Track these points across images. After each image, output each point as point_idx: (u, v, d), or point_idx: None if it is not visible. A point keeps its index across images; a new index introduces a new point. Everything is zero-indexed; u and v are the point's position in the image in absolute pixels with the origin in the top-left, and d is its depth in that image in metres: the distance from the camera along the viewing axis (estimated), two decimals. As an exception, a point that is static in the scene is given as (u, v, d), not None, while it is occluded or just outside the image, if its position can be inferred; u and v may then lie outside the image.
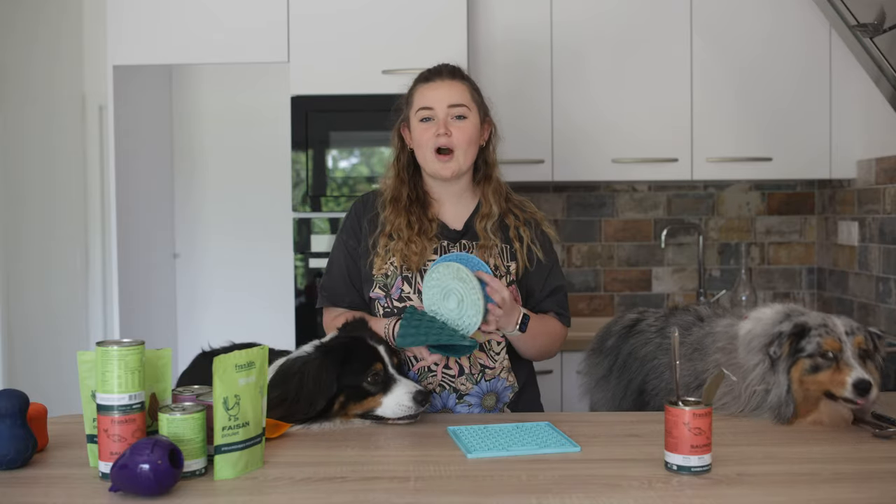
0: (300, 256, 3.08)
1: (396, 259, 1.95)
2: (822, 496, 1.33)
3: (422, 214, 1.99)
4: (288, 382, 1.73)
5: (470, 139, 1.97)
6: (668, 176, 3.29)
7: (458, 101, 1.96)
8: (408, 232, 1.96)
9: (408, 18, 3.11)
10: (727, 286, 3.59)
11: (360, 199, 2.10)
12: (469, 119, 1.97)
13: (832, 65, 3.25)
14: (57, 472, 1.48)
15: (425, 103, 1.97)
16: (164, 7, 3.12)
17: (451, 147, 1.95)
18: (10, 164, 3.87)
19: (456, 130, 1.95)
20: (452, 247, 1.97)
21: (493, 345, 1.95)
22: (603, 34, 3.26)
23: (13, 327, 3.84)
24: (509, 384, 1.98)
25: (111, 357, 1.40)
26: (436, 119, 1.95)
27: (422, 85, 2.00)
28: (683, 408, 1.42)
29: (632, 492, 1.35)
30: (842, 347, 1.70)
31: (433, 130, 1.95)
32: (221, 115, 3.90)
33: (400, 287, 1.94)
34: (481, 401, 1.95)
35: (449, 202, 2.04)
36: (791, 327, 1.75)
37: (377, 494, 1.35)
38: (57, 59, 4.14)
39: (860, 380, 1.66)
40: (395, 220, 1.98)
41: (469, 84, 2.02)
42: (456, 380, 1.94)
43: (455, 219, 2.03)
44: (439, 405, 1.94)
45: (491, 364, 1.95)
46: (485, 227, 1.98)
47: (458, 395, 1.94)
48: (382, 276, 1.96)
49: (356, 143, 3.15)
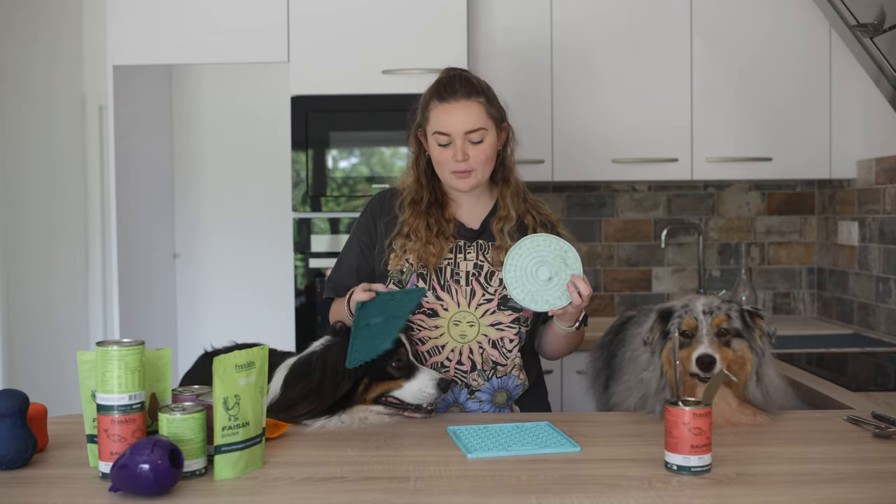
0: (300, 256, 3.08)
1: (413, 257, 1.96)
2: (822, 496, 1.33)
3: (440, 216, 2.00)
4: (311, 372, 1.76)
5: (488, 158, 1.96)
6: (668, 176, 3.29)
7: (474, 126, 1.93)
8: (426, 234, 1.97)
9: (408, 18, 3.11)
10: (727, 286, 3.59)
11: (377, 198, 2.10)
12: (486, 139, 1.95)
13: (832, 65, 3.25)
14: (57, 472, 1.48)
15: (442, 128, 1.94)
16: (163, 7, 3.12)
17: (470, 169, 1.95)
18: (10, 164, 3.87)
19: (474, 153, 1.94)
20: (469, 246, 1.98)
21: (507, 342, 1.96)
22: (603, 34, 3.26)
23: (13, 327, 3.84)
24: (520, 382, 2.00)
25: (111, 357, 1.40)
26: (453, 144, 1.94)
27: (437, 104, 1.96)
28: (683, 408, 1.43)
29: (632, 492, 1.35)
30: (697, 326, 1.77)
31: (450, 154, 1.94)
32: (221, 115, 3.90)
33: (415, 283, 1.95)
34: (492, 397, 1.97)
35: (466, 202, 2.04)
36: (657, 312, 1.84)
37: (377, 494, 1.35)
38: (57, 59, 4.14)
39: (703, 354, 1.73)
40: (413, 222, 1.99)
41: (485, 98, 1.96)
42: (468, 375, 1.95)
43: (472, 219, 2.03)
44: (451, 399, 1.96)
45: (503, 361, 1.96)
46: (501, 228, 1.98)
47: (469, 390, 1.96)
48: (398, 272, 1.97)
49: (356, 143, 3.15)
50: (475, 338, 1.95)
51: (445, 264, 1.96)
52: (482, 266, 1.97)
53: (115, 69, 3.14)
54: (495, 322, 1.95)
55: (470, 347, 1.95)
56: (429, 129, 1.98)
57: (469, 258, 1.97)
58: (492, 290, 1.95)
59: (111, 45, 3.13)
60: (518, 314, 1.95)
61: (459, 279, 1.96)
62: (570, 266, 1.83)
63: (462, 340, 1.94)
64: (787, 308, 3.65)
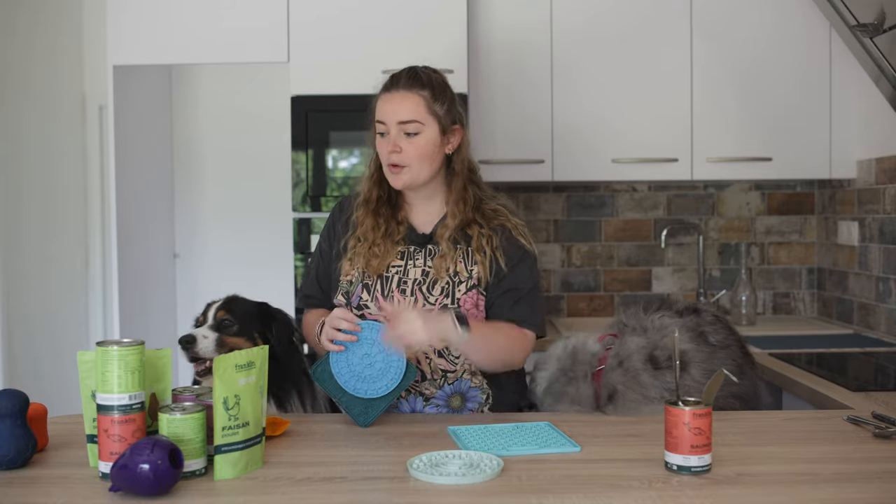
0: (300, 256, 3.08)
1: (362, 263, 1.94)
2: (822, 496, 1.33)
3: (390, 217, 1.97)
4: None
5: (422, 154, 1.90)
6: (668, 176, 3.29)
7: (407, 117, 1.89)
8: (373, 234, 1.94)
9: (407, 18, 3.11)
10: (727, 286, 3.59)
11: (339, 203, 2.09)
12: (422, 134, 1.90)
13: (832, 65, 3.25)
14: (57, 472, 1.48)
15: (379, 116, 1.93)
16: (164, 7, 3.12)
17: (401, 164, 1.90)
18: (10, 164, 3.87)
19: (407, 146, 1.90)
20: (418, 252, 1.94)
21: (452, 350, 1.91)
22: (603, 34, 3.26)
23: (13, 327, 3.84)
24: (476, 385, 1.95)
25: (111, 357, 1.40)
26: (388, 134, 1.91)
27: (381, 95, 1.96)
28: (683, 408, 1.42)
29: (632, 492, 1.35)
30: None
31: (385, 146, 1.92)
32: (221, 115, 3.91)
33: (359, 294, 1.92)
34: (447, 402, 1.94)
35: (419, 206, 2.00)
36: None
37: (377, 494, 1.35)
38: (57, 59, 4.14)
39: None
40: (364, 220, 1.97)
41: (429, 93, 1.91)
42: (420, 385, 1.93)
43: (424, 223, 1.99)
44: (407, 409, 1.94)
45: (451, 368, 1.93)
46: (442, 235, 1.93)
47: (423, 397, 1.94)
48: (347, 282, 1.94)
49: (356, 143, 3.15)
50: (420, 349, 1.86)
51: (394, 272, 1.92)
52: (429, 273, 1.91)
53: (115, 69, 3.14)
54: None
55: (417, 358, 1.90)
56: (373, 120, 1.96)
57: (418, 265, 1.93)
58: (432, 299, 1.88)
59: (111, 44, 3.13)
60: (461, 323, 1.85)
61: (406, 288, 1.90)
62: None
63: (408, 352, 1.83)
64: (787, 308, 3.65)
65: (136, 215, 3.40)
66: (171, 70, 3.87)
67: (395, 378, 1.77)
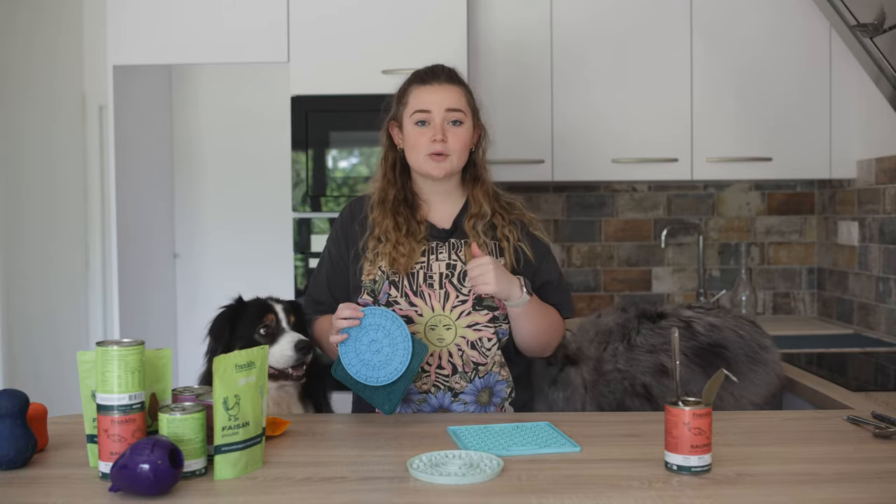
0: (300, 256, 3.08)
1: (385, 263, 1.94)
2: (822, 496, 1.33)
3: (409, 216, 1.98)
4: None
5: (464, 145, 1.97)
6: (668, 176, 3.29)
7: (455, 105, 1.95)
8: (395, 234, 1.95)
9: (407, 18, 3.11)
10: (727, 286, 3.59)
11: (348, 206, 2.09)
12: (465, 125, 1.97)
13: (832, 65, 3.25)
14: (57, 472, 1.48)
15: (422, 106, 1.95)
16: (164, 7, 3.12)
17: (447, 153, 1.94)
18: (10, 164, 3.87)
19: (452, 136, 1.94)
20: (441, 247, 1.96)
21: (485, 342, 1.94)
22: (603, 34, 3.26)
23: (13, 327, 3.84)
24: (503, 378, 1.97)
25: (111, 357, 1.40)
26: (432, 123, 1.94)
27: (418, 87, 1.98)
28: (683, 408, 1.42)
29: (632, 492, 1.35)
30: None
31: (429, 135, 1.93)
32: (221, 115, 3.91)
33: (387, 292, 1.93)
34: (476, 398, 1.95)
35: (437, 202, 2.02)
36: None
37: (377, 494, 1.35)
38: (57, 59, 4.14)
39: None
40: (382, 221, 1.97)
41: (465, 89, 2.01)
42: (450, 379, 1.93)
43: (443, 218, 2.02)
44: (436, 405, 1.94)
45: (483, 361, 1.94)
46: (473, 225, 1.97)
47: (452, 393, 1.94)
48: (371, 281, 1.95)
49: (356, 143, 3.15)
50: (453, 341, 1.92)
51: (418, 268, 1.94)
52: (455, 265, 1.94)
53: (115, 69, 3.15)
54: (472, 323, 1.92)
55: (449, 351, 1.92)
56: (406, 113, 1.98)
57: (441, 258, 1.95)
58: (465, 290, 1.92)
59: (111, 44, 3.13)
60: (494, 312, 1.93)
61: (433, 283, 1.93)
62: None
63: (440, 345, 1.92)
64: (787, 308, 3.65)
65: (136, 215, 3.40)
66: (171, 70, 3.87)
67: (404, 360, 1.74)
